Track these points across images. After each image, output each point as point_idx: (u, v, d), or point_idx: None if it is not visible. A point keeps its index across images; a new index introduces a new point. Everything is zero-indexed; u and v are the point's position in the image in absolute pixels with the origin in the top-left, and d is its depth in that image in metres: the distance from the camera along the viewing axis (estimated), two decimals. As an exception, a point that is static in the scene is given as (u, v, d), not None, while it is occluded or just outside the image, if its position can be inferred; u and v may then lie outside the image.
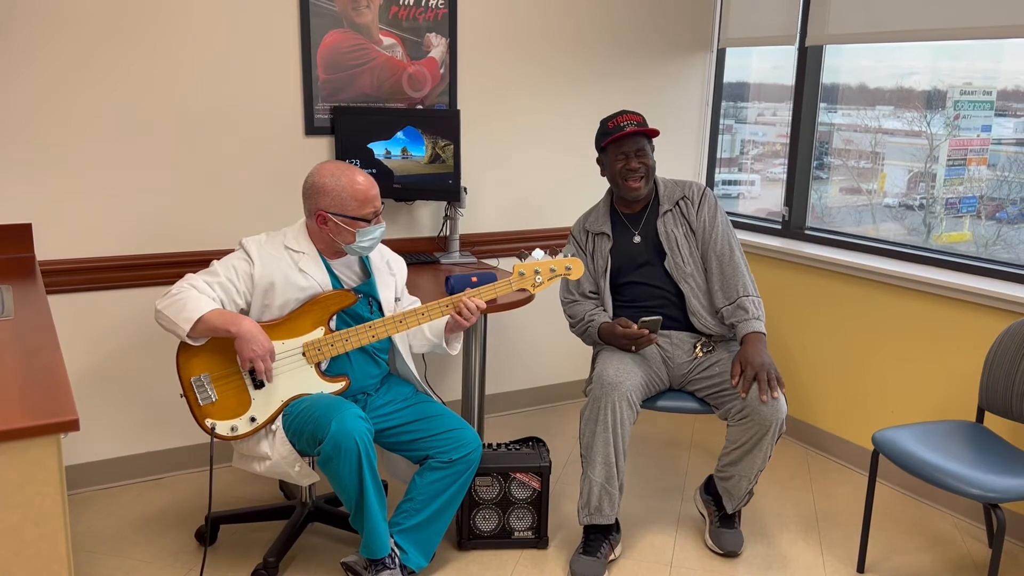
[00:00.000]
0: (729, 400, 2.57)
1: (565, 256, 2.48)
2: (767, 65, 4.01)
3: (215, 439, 2.32)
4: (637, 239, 2.73)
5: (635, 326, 2.57)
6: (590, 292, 2.80)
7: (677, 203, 2.74)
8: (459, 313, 2.39)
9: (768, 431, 2.47)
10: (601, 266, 2.76)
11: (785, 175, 3.70)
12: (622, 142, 2.66)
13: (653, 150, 2.72)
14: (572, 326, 2.81)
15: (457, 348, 2.57)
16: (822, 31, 3.40)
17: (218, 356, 2.32)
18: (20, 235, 2.75)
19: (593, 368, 2.81)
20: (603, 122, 2.73)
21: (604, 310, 2.75)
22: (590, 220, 2.82)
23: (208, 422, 2.30)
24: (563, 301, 2.85)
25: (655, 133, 2.66)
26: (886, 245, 3.30)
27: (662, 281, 2.72)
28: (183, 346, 2.31)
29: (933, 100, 3.29)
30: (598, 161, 2.78)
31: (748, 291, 2.65)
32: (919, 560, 2.69)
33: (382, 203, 2.42)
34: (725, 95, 4.06)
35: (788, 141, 3.69)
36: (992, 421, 2.82)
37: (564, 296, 2.84)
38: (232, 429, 2.31)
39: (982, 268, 2.96)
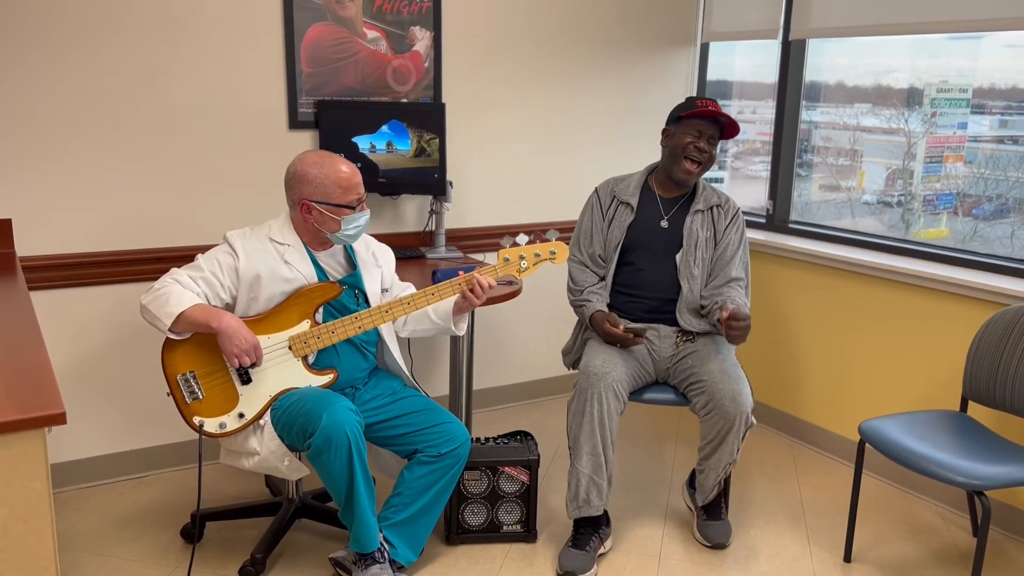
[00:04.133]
0: (696, 394, 2.59)
1: (551, 239, 2.46)
2: (748, 63, 4.03)
3: (204, 437, 2.29)
4: (665, 223, 2.72)
5: (622, 326, 2.58)
6: (598, 256, 2.79)
7: (711, 208, 2.74)
8: (471, 291, 2.37)
9: (732, 426, 2.50)
10: (616, 237, 2.74)
11: (767, 171, 3.73)
12: (703, 122, 2.63)
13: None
14: (570, 290, 2.81)
15: (464, 327, 2.55)
16: (805, 25, 3.43)
17: (204, 353, 2.29)
18: (0, 231, 2.71)
19: (575, 339, 2.82)
20: (691, 98, 2.69)
21: (604, 286, 2.75)
22: (620, 187, 2.80)
23: (196, 420, 2.27)
24: (570, 258, 2.84)
25: (736, 130, 2.66)
26: (869, 238, 3.34)
27: (665, 274, 2.72)
28: (168, 344, 2.28)
29: (911, 98, 3.32)
30: (664, 131, 2.74)
31: (741, 294, 2.68)
32: (904, 549, 2.72)
33: (366, 193, 2.41)
34: (707, 93, 4.08)
35: (768, 139, 3.72)
36: (976, 410, 2.85)
37: (573, 253, 2.83)
38: (221, 426, 2.28)
39: (964, 260, 3.00)
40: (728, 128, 2.68)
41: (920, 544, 2.75)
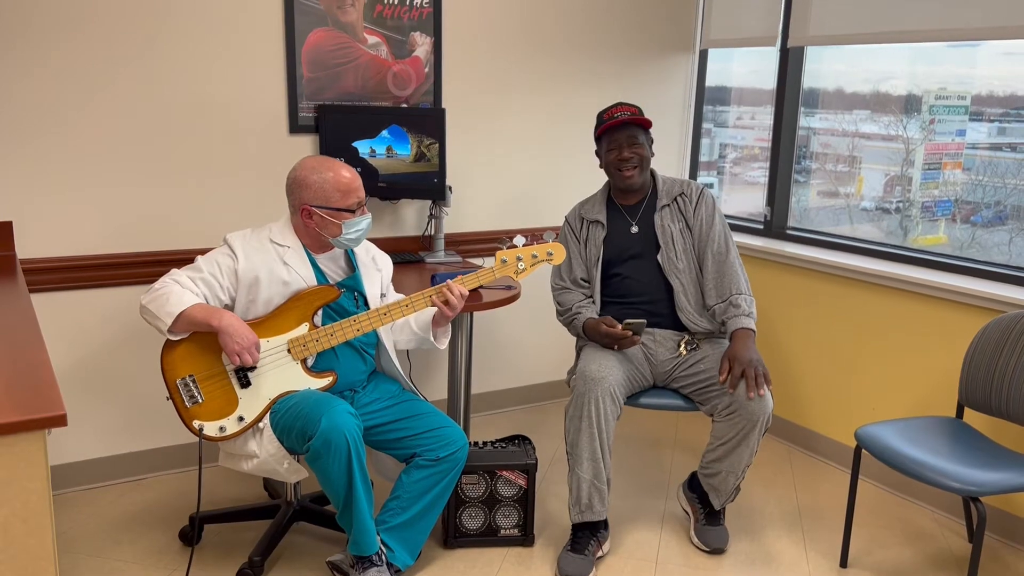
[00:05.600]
0: (715, 396, 2.58)
1: (548, 240, 2.47)
2: (747, 69, 4.05)
3: (203, 440, 2.30)
4: (635, 229, 2.74)
5: (619, 326, 2.58)
6: (581, 280, 2.80)
7: (675, 199, 2.76)
8: (444, 301, 2.37)
9: (755, 426, 2.49)
10: (594, 255, 2.77)
11: (765, 177, 3.74)
12: (615, 132, 2.69)
13: (651, 143, 2.74)
14: (559, 314, 2.82)
15: (445, 342, 2.57)
16: (803, 32, 3.44)
17: (203, 356, 2.30)
18: (0, 233, 2.71)
19: (577, 359, 2.83)
20: (599, 114, 2.76)
21: (593, 302, 2.76)
22: (586, 208, 2.84)
23: (196, 423, 2.28)
24: (553, 287, 2.86)
25: (647, 123, 2.68)
26: (867, 244, 3.35)
27: (652, 276, 2.73)
28: (167, 348, 2.29)
29: (909, 105, 3.33)
30: (596, 153, 2.80)
31: (741, 289, 2.67)
32: (900, 554, 2.72)
33: (367, 197, 2.41)
34: (706, 99, 4.10)
35: (765, 145, 3.73)
36: (972, 416, 2.86)
37: (555, 282, 2.85)
38: (220, 429, 2.29)
39: (961, 267, 3.01)
40: (643, 120, 2.70)
41: (916, 550, 2.76)
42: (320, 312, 2.38)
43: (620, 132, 2.69)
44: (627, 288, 2.76)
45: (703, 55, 4.03)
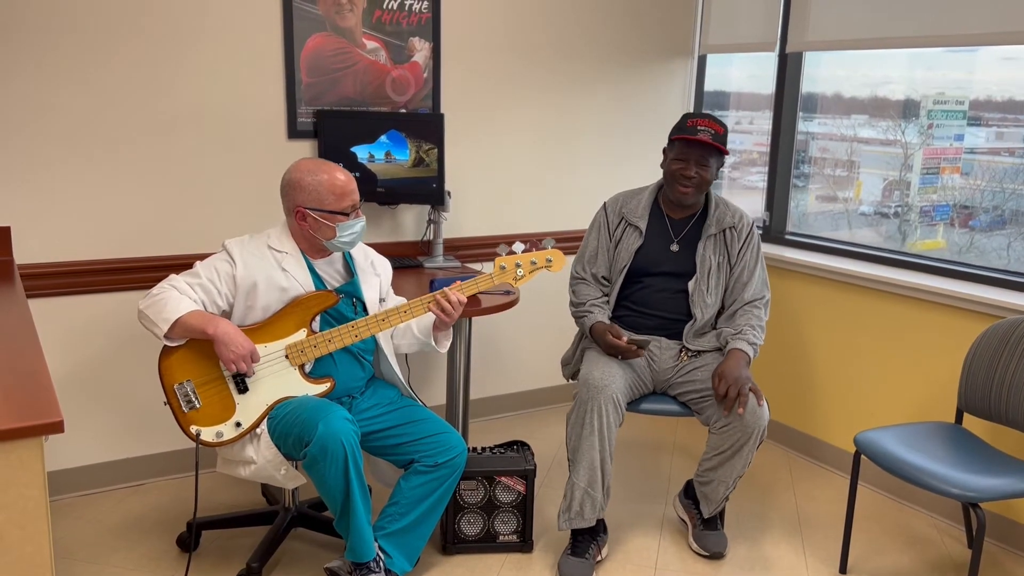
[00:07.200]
0: (710, 407, 2.58)
1: (547, 247, 2.46)
2: (745, 74, 4.05)
3: (200, 446, 2.29)
4: (675, 247, 2.70)
5: (625, 338, 2.58)
6: (602, 277, 2.78)
7: (724, 230, 2.71)
8: (441, 309, 2.37)
9: (750, 438, 2.49)
10: (623, 261, 2.72)
11: (763, 182, 3.74)
12: (689, 145, 2.60)
13: (719, 167, 2.66)
14: (572, 304, 2.80)
15: (447, 345, 2.56)
16: (802, 38, 3.45)
17: (201, 362, 2.30)
18: (-2, 238, 2.71)
19: (575, 349, 2.83)
20: (685, 116, 2.65)
21: (607, 302, 2.74)
22: (629, 207, 2.76)
23: (193, 429, 2.28)
24: (572, 275, 2.83)
25: (724, 152, 2.62)
26: (866, 249, 3.35)
27: (675, 297, 2.71)
28: (165, 353, 2.29)
29: (907, 109, 3.33)
30: (664, 151, 2.71)
31: (754, 325, 2.65)
32: (899, 560, 2.72)
33: (361, 201, 2.41)
34: (704, 104, 4.10)
35: (764, 149, 3.73)
36: (971, 422, 2.86)
37: (575, 270, 2.82)
38: (217, 435, 2.28)
39: (960, 272, 3.01)
40: (721, 146, 2.61)
41: (915, 555, 2.75)
42: (318, 318, 2.38)
43: (694, 148, 2.59)
44: (646, 299, 2.73)
45: (702, 60, 4.03)
